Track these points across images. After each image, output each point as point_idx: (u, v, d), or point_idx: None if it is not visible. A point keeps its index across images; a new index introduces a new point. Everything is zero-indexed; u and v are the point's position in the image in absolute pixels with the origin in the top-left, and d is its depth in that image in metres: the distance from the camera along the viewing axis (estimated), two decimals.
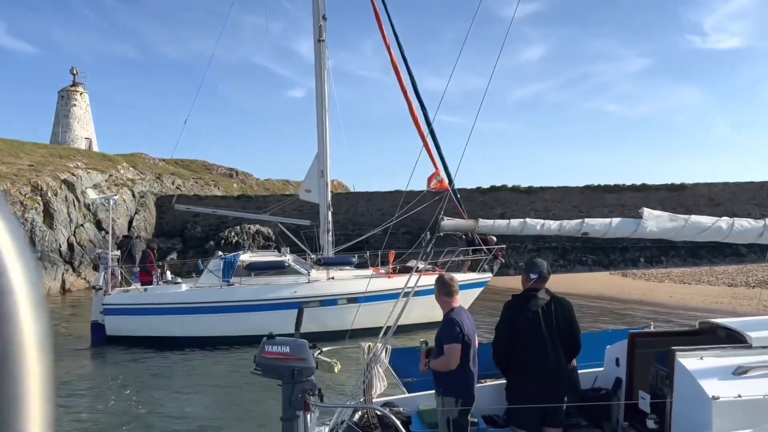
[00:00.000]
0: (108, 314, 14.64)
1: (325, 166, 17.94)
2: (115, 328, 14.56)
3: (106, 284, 14.90)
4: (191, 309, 14.62)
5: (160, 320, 14.58)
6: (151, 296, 15.23)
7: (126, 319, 14.57)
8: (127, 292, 15.40)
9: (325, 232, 17.62)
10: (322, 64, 18.01)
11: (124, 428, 8.85)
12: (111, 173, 35.18)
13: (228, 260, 15.41)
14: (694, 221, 4.67)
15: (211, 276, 15.29)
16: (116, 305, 14.73)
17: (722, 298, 19.47)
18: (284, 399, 3.91)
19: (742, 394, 3.89)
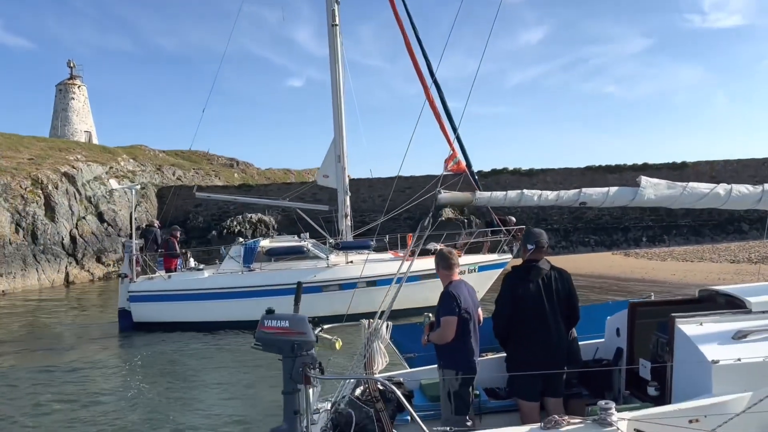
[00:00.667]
0: (134, 301, 15.16)
1: (342, 152, 17.99)
2: (140, 315, 15.06)
3: (131, 272, 15.37)
4: (213, 294, 15.04)
5: (183, 306, 15.05)
6: (175, 283, 15.60)
7: (151, 305, 15.06)
8: (152, 280, 15.73)
9: (343, 217, 17.74)
10: (336, 49, 17.93)
11: (150, 408, 9.27)
12: (111, 165, 35.16)
13: (248, 246, 15.84)
14: (692, 188, 4.66)
15: (232, 262, 15.68)
16: (141, 292, 15.22)
17: (725, 274, 19.49)
18: (285, 373, 3.93)
19: (742, 357, 3.89)
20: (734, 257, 23.68)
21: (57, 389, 10.40)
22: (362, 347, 4.94)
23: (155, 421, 8.69)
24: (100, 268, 29.31)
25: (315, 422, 4.37)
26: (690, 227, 32.34)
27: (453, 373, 4.69)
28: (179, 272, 16.51)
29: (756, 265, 20.78)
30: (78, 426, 8.56)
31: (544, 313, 4.71)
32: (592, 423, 3.55)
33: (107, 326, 16.00)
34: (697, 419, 3.64)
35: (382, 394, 4.45)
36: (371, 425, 4.21)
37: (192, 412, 9.02)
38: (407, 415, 4.38)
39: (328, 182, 18.43)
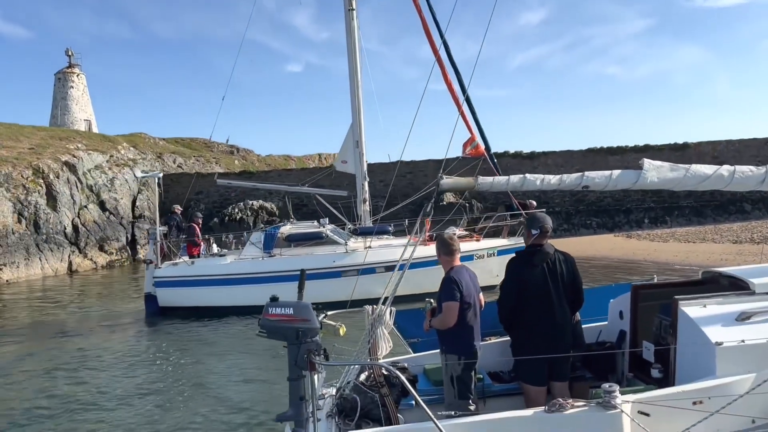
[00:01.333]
0: (159, 287, 15.63)
1: (360, 137, 17.96)
2: (165, 300, 15.57)
3: (157, 258, 15.86)
4: (235, 280, 15.33)
5: (206, 291, 15.37)
6: (198, 268, 15.99)
7: (175, 290, 15.56)
8: (176, 266, 16.14)
9: (362, 202, 17.78)
10: (353, 34, 17.83)
11: (174, 384, 9.88)
12: (112, 154, 35.11)
13: (269, 232, 16.29)
14: (696, 170, 4.64)
15: (253, 248, 16.09)
16: (166, 278, 15.70)
17: (727, 255, 19.48)
18: (290, 359, 3.94)
19: (746, 339, 3.90)
20: (737, 238, 23.67)
21: (87, 372, 10.89)
22: (366, 333, 4.96)
23: (163, 405, 8.85)
24: (102, 257, 29.38)
25: (320, 408, 4.40)
26: (692, 208, 32.30)
27: (455, 358, 4.70)
28: (202, 258, 16.88)
29: (759, 245, 20.78)
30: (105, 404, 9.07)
31: (549, 298, 4.71)
32: (596, 406, 3.56)
33: (133, 312, 16.56)
34: (700, 401, 3.66)
35: (387, 379, 4.48)
36: (376, 410, 4.24)
37: (202, 396, 9.20)
38: (411, 400, 4.41)
39: (347, 168, 18.50)
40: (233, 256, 16.40)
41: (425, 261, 13.16)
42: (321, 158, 56.58)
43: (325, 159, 56.23)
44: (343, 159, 18.65)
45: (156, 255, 15.90)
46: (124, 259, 30.61)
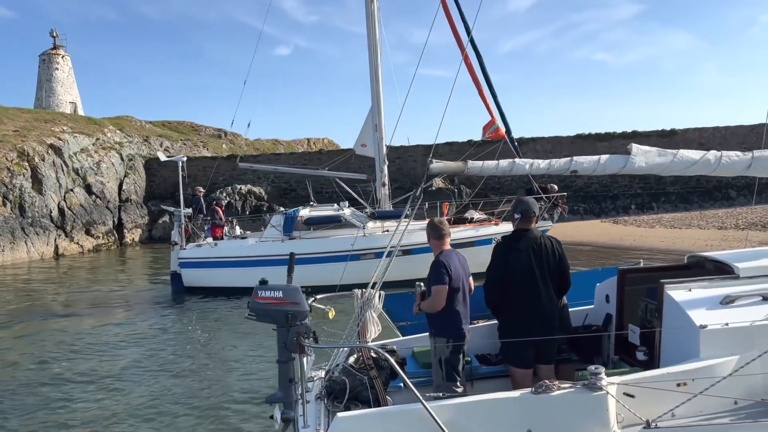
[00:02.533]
0: (183, 267, 16.30)
1: (380, 121, 17.94)
2: (190, 280, 16.23)
3: (181, 239, 16.60)
4: (256, 262, 15.56)
5: (228, 272, 15.71)
6: (221, 250, 16.52)
7: (199, 271, 16.18)
8: (200, 247, 16.70)
9: (380, 186, 17.85)
10: (373, 17, 17.74)
11: (183, 360, 10.44)
12: (98, 137, 34.76)
13: (289, 215, 16.64)
14: (683, 155, 4.68)
15: (273, 230, 16.49)
16: (190, 259, 16.34)
17: (712, 240, 19.70)
18: (279, 342, 3.96)
19: (729, 322, 3.96)
20: (722, 224, 23.92)
21: (114, 346, 11.60)
22: (355, 317, 4.98)
23: (170, 378, 9.29)
24: (89, 241, 29.21)
25: (309, 390, 4.44)
26: (678, 194, 32.57)
27: (444, 340, 4.75)
28: (225, 240, 17.38)
29: (743, 231, 21.02)
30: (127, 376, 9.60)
31: (535, 281, 4.75)
32: (582, 387, 3.61)
33: (158, 289, 17.67)
34: (684, 383, 3.72)
35: (376, 361, 4.51)
36: (365, 392, 4.27)
37: (204, 372, 9.52)
38: (400, 382, 4.44)
39: (366, 151, 18.55)
40: (255, 239, 16.92)
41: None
42: (310, 143, 56.31)
43: (314, 144, 55.99)
44: (362, 142, 18.71)
45: (181, 236, 16.56)
46: (111, 243, 30.45)
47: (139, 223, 33.01)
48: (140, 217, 33.24)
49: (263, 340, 10.85)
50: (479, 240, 15.95)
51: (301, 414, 3.96)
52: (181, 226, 16.70)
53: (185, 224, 16.87)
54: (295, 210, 17.30)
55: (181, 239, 16.66)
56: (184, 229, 16.74)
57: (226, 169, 35.95)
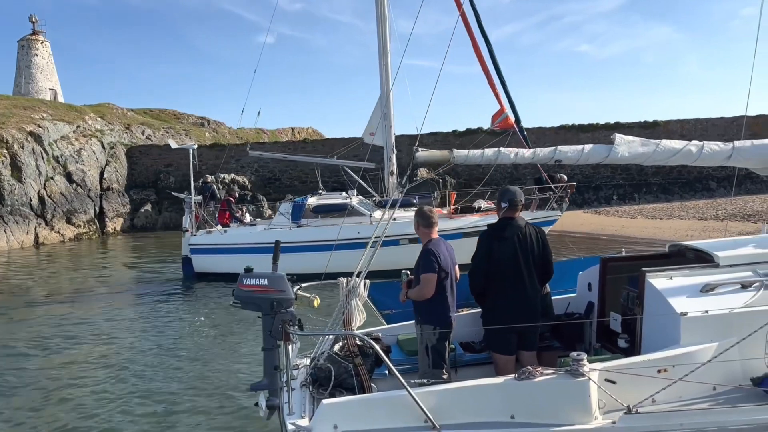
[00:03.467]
0: (194, 253, 16.63)
1: (389, 109, 17.90)
2: (200, 266, 16.52)
3: (192, 226, 17.00)
4: (263, 249, 15.57)
5: (238, 258, 15.56)
6: (230, 237, 16.85)
7: (209, 257, 16.45)
8: (210, 233, 17.04)
9: (389, 174, 17.91)
10: (382, 5, 17.57)
11: (185, 344, 10.54)
12: (78, 124, 34.29)
13: (297, 203, 16.94)
14: (665, 145, 4.73)
15: (282, 218, 16.77)
16: (200, 245, 16.66)
17: (692, 231, 19.95)
18: (264, 330, 3.96)
19: (709, 309, 4.03)
20: (702, 214, 24.22)
21: (138, 327, 11.96)
22: (340, 305, 4.99)
23: (158, 365, 9.29)
24: (70, 229, 28.88)
25: (295, 377, 4.45)
26: (659, 185, 32.91)
27: (431, 328, 4.78)
28: (234, 227, 17.74)
29: (723, 221, 21.32)
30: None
31: (519, 270, 4.79)
32: (565, 374, 3.66)
33: (170, 272, 18.11)
34: (665, 369, 3.78)
35: (361, 349, 4.53)
36: (350, 379, 4.29)
37: (194, 364, 9.41)
38: (385, 369, 4.47)
39: (374, 140, 18.53)
40: (263, 226, 17.23)
41: (449, 234, 13.29)
42: (294, 132, 56.03)
43: (298, 133, 55.72)
44: (370, 131, 18.70)
45: (191, 223, 16.97)
46: (92, 232, 30.13)
47: (121, 212, 32.68)
48: (122, 206, 32.91)
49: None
50: None
51: (287, 401, 3.97)
52: (191, 212, 17.10)
53: (196, 211, 17.25)
54: (303, 198, 17.58)
55: (192, 225, 17.03)
56: (195, 215, 17.14)
57: (209, 158, 35.67)
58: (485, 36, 15.20)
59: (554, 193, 16.51)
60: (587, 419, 3.60)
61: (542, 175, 17.06)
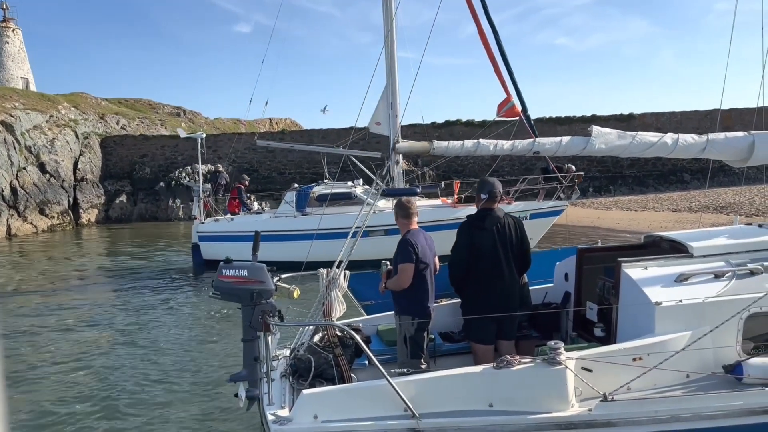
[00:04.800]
0: (202, 241, 16.85)
1: (394, 99, 17.81)
2: (208, 253, 16.58)
3: (200, 214, 17.33)
4: (269, 237, 15.68)
5: (244, 246, 15.40)
6: (236, 225, 16.99)
7: (217, 244, 16.50)
8: (218, 221, 17.32)
9: (394, 164, 17.88)
10: None
11: (173, 333, 10.58)
12: (52, 114, 33.64)
13: (302, 192, 17.08)
14: (641, 138, 4.80)
15: (287, 206, 16.93)
16: (208, 233, 16.92)
17: (667, 222, 20.26)
18: (244, 321, 3.96)
19: (683, 299, 4.11)
20: (676, 206, 24.60)
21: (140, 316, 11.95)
22: (320, 295, 5.00)
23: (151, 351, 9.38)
24: (43, 221, 28.38)
25: (274, 368, 4.45)
26: (635, 178, 33.35)
27: (409, 318, 4.81)
28: (241, 215, 17.99)
29: (696, 213, 21.68)
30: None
31: (498, 260, 4.84)
32: (542, 362, 3.72)
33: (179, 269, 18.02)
34: (640, 357, 3.85)
35: (341, 340, 4.54)
36: (330, 370, 4.30)
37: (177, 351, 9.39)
38: (364, 360, 4.49)
39: (380, 129, 18.53)
40: (269, 214, 17.47)
41: (450, 223, 13.30)
42: (272, 122, 55.63)
43: (276, 124, 55.31)
44: (376, 121, 18.66)
45: (200, 211, 17.27)
46: (67, 223, 29.67)
47: (96, 203, 32.22)
48: (96, 197, 32.43)
49: None
50: None
51: (266, 392, 3.97)
52: (200, 200, 17.34)
53: (204, 199, 17.54)
54: (308, 187, 17.74)
55: (200, 213, 17.31)
56: (203, 203, 17.41)
57: (185, 149, 35.31)
58: (491, 23, 15.10)
59: (562, 184, 16.51)
60: (564, 407, 3.66)
61: (549, 165, 17.04)
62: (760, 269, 4.28)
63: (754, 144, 4.93)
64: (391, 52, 17.74)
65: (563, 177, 16.51)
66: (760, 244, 4.61)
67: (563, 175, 16.53)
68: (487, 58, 15.23)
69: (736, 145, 4.99)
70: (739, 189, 26.72)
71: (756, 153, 4.90)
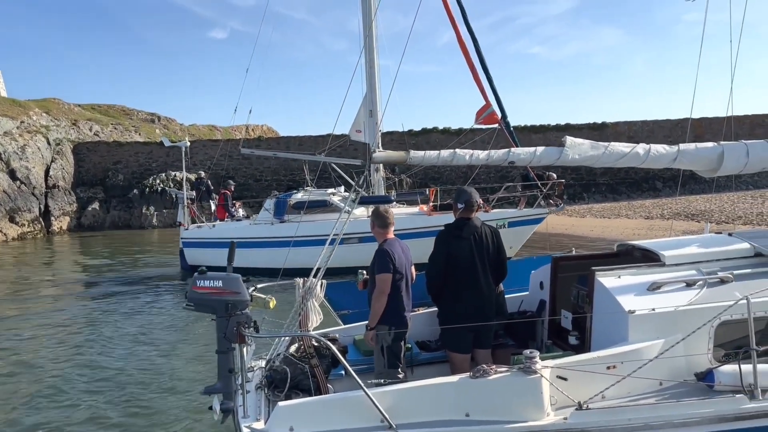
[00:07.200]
0: (186, 247, 17.25)
1: (374, 106, 17.81)
2: (192, 258, 16.93)
3: (184, 220, 17.58)
4: (248, 243, 16.08)
5: (223, 252, 15.40)
6: (217, 231, 17.34)
7: (199, 250, 16.92)
8: (200, 228, 17.58)
9: (374, 171, 17.85)
10: (368, 2, 17.40)
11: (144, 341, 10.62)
12: (23, 120, 33.07)
13: (280, 199, 17.27)
14: (614, 148, 4.87)
15: (265, 213, 17.10)
16: (190, 239, 17.23)
17: (639, 229, 20.57)
18: (218, 332, 3.90)
19: (656, 307, 4.16)
20: (648, 214, 25.00)
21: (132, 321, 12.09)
22: (297, 306, 4.96)
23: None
24: (13, 228, 27.84)
25: (250, 380, 4.39)
26: (608, 185, 33.83)
27: (386, 328, 4.79)
28: (225, 221, 18.38)
29: (668, 221, 22.05)
30: None
31: (475, 269, 4.86)
32: (518, 371, 3.73)
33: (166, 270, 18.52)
34: (614, 365, 3.89)
35: (317, 350, 4.51)
36: (306, 380, 4.27)
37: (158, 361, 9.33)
38: (341, 370, 4.47)
39: (361, 137, 18.57)
40: (249, 222, 17.83)
41: (425, 231, 13.36)
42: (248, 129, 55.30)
43: (253, 130, 55.01)
44: (356, 128, 18.66)
45: (184, 217, 17.51)
46: (38, 231, 29.14)
47: (67, 211, 31.71)
48: (68, 204, 31.92)
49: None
50: None
51: (241, 404, 3.92)
52: (184, 207, 17.57)
53: (189, 205, 17.74)
54: (286, 194, 17.90)
55: (185, 220, 17.48)
56: (189, 210, 17.62)
57: (160, 155, 34.94)
58: (470, 30, 15.23)
59: (541, 191, 16.56)
60: (540, 416, 3.67)
61: (529, 173, 17.08)
62: (730, 277, 4.36)
63: (723, 155, 5.03)
64: (371, 60, 17.81)
65: (543, 185, 16.60)
66: (729, 253, 4.70)
67: (543, 183, 16.62)
68: (466, 65, 15.32)
69: (706, 155, 5.08)
70: (710, 196, 27.28)
71: (725, 164, 5.01)
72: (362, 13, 17.89)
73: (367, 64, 17.97)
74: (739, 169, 5.15)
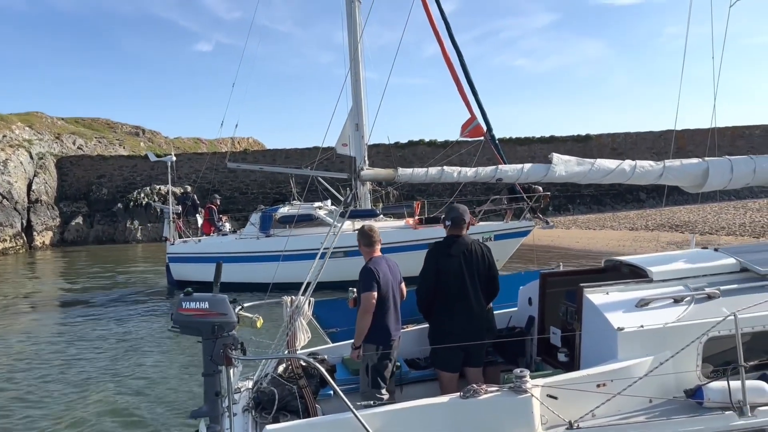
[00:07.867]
0: (172, 262, 17.19)
1: (360, 120, 17.77)
2: (178, 273, 16.94)
3: (170, 235, 17.55)
4: (234, 258, 16.20)
5: (209, 267, 15.30)
6: (203, 246, 17.33)
7: (185, 265, 16.86)
8: (186, 243, 17.57)
9: (361, 185, 17.83)
10: (354, 17, 17.51)
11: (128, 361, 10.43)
12: (5, 134, 32.75)
13: (266, 213, 17.21)
14: (600, 165, 4.88)
15: (251, 228, 17.10)
16: (176, 254, 17.17)
17: (624, 241, 20.71)
18: (205, 354, 3.84)
19: (644, 324, 4.16)
20: (633, 225, 25.18)
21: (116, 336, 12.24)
22: (285, 324, 4.91)
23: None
24: None
25: (237, 402, 4.33)
26: (592, 197, 34.07)
27: (373, 347, 4.76)
28: (211, 236, 18.31)
29: (653, 232, 22.22)
30: None
31: (465, 287, 4.84)
32: (508, 390, 3.71)
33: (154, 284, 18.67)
34: (604, 383, 3.88)
35: (305, 370, 4.46)
36: (294, 402, 4.21)
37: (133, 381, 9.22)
38: (330, 390, 4.41)
39: (347, 150, 18.56)
40: (235, 236, 17.67)
41: (411, 245, 13.41)
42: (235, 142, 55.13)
43: (238, 143, 54.86)
44: (343, 142, 18.71)
45: (170, 232, 17.46)
46: (20, 246, 28.76)
47: (50, 225, 31.35)
48: (51, 219, 31.57)
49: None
50: None
51: (228, 428, 3.86)
52: (170, 222, 17.50)
53: (175, 220, 17.72)
54: (272, 208, 17.76)
55: (172, 235, 17.44)
56: (175, 225, 17.61)
57: (144, 169, 34.72)
58: (455, 43, 15.30)
59: (527, 204, 16.57)
60: None
61: (515, 186, 17.23)
62: (717, 293, 4.37)
63: (708, 171, 5.07)
64: (356, 74, 17.87)
65: (529, 197, 16.65)
66: (716, 268, 4.71)
67: (529, 195, 16.67)
68: (451, 78, 15.38)
69: (691, 171, 5.11)
70: (694, 207, 27.56)
71: (710, 180, 5.04)
72: (347, 27, 17.98)
73: (353, 78, 18.04)
74: (724, 184, 5.19)
